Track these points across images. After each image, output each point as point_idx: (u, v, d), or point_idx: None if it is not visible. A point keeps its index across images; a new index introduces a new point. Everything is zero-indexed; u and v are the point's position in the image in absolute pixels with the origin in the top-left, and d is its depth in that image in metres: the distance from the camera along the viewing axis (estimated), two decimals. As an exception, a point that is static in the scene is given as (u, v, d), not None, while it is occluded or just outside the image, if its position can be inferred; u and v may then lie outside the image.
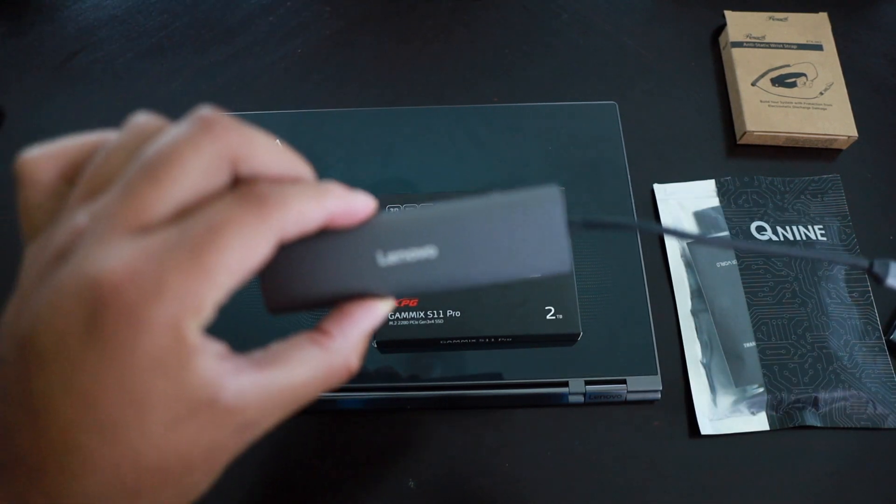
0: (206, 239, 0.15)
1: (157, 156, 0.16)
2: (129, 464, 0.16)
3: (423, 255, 0.19)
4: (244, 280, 0.16)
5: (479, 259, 0.19)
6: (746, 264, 0.38)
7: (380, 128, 0.42)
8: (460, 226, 0.19)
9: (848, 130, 0.42)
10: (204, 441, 0.16)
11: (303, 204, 0.17)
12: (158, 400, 0.15)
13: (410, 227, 0.19)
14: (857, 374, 0.35)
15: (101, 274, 0.15)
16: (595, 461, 0.35)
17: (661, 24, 0.48)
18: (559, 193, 0.19)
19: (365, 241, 0.19)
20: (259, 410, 0.17)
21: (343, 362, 0.18)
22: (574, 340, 0.35)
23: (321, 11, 0.50)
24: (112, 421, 0.15)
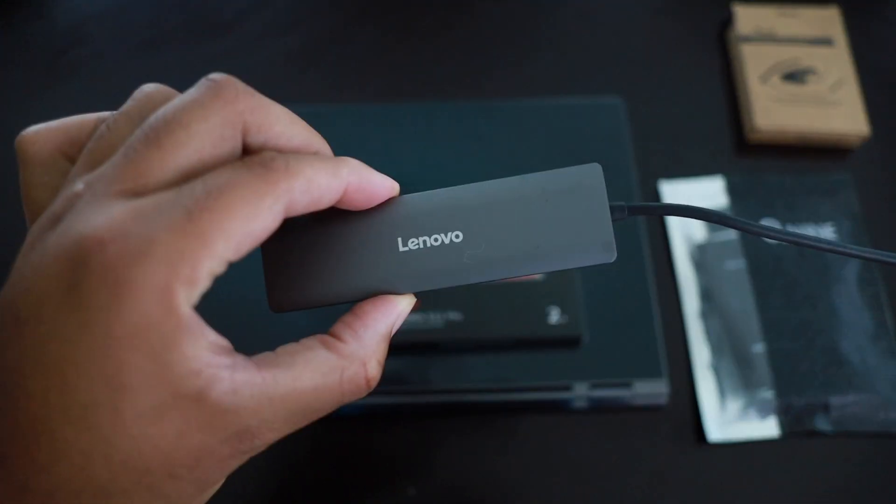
0: (204, 201, 0.14)
1: (160, 120, 0.15)
2: (102, 456, 0.13)
3: (448, 243, 0.17)
4: (244, 252, 0.14)
5: (510, 247, 0.17)
6: (756, 265, 0.38)
7: (378, 124, 0.41)
8: (489, 210, 0.17)
9: (860, 128, 0.41)
10: (189, 443, 0.14)
11: (314, 172, 0.15)
12: (138, 381, 0.13)
13: (435, 212, 0.17)
14: (870, 378, 0.35)
15: (86, 232, 0.13)
16: (599, 468, 0.34)
17: (668, 18, 0.48)
18: (600, 172, 0.17)
19: (383, 225, 0.17)
20: (257, 416, 0.15)
21: (358, 369, 0.16)
22: (578, 343, 0.34)
23: (318, 5, 0.49)
24: (84, 402, 0.13)
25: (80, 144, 0.16)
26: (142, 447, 0.14)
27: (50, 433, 0.13)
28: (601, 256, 0.17)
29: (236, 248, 0.14)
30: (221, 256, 0.14)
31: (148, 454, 0.14)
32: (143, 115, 0.15)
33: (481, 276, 0.17)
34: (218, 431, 0.14)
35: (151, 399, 0.13)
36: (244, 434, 0.15)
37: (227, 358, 0.14)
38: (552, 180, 0.17)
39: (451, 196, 0.18)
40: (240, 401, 0.14)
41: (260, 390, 0.15)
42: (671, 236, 0.39)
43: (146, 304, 0.13)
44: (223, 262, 0.14)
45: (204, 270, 0.14)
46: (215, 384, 0.14)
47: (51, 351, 0.13)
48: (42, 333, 0.13)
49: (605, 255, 0.17)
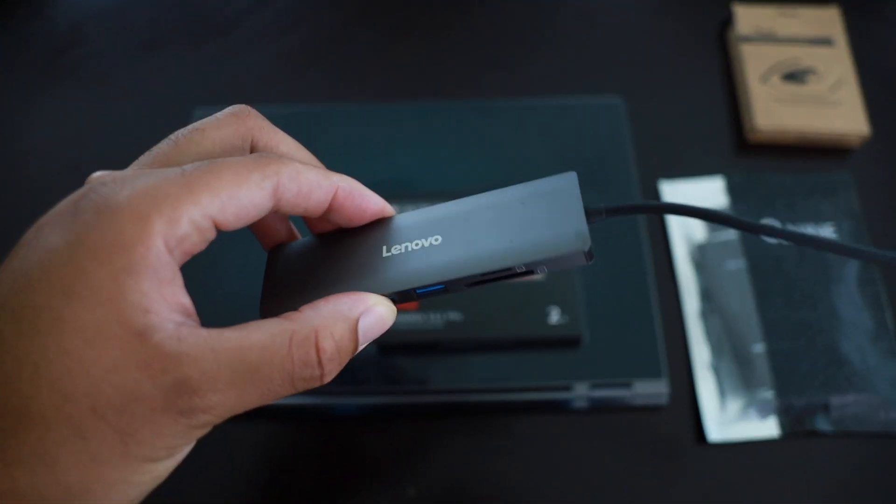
0: (200, 167, 0.15)
1: (183, 129, 0.18)
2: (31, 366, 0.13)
3: (427, 245, 0.18)
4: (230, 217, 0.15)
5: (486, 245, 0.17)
6: (756, 266, 0.37)
7: (378, 124, 0.41)
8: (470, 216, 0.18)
9: (860, 128, 0.41)
10: (121, 380, 0.13)
11: (306, 168, 0.17)
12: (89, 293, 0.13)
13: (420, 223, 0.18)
14: (870, 378, 0.35)
15: (95, 177, 0.16)
16: (599, 468, 0.34)
17: (668, 17, 0.48)
18: (575, 178, 0.18)
19: (372, 241, 0.18)
20: (197, 367, 0.14)
21: (309, 335, 0.16)
22: (578, 344, 0.34)
23: (318, 5, 0.49)
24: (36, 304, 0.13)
25: None
26: (72, 367, 0.13)
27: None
28: (575, 254, 0.17)
29: (221, 207, 0.15)
30: (205, 207, 0.15)
31: (76, 377, 0.13)
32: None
33: (455, 275, 0.17)
34: (155, 374, 0.14)
35: (96, 316, 0.13)
36: (183, 385, 0.14)
37: (181, 314, 0.15)
38: (530, 187, 0.18)
39: (437, 209, 0.18)
40: (182, 348, 0.14)
41: (204, 341, 0.15)
42: (671, 236, 0.39)
43: (123, 225, 0.14)
44: (206, 216, 0.15)
45: (185, 213, 0.14)
46: (160, 327, 0.14)
47: (27, 258, 0.14)
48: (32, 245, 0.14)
49: (580, 248, 0.17)
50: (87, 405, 0.13)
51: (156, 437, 0.14)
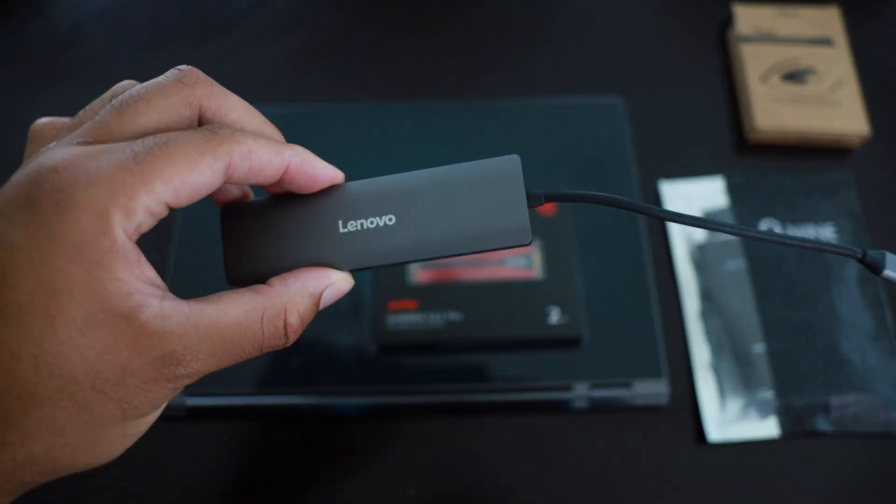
0: (150, 149, 0.16)
1: (127, 95, 0.17)
2: (30, 358, 0.15)
3: (382, 225, 0.19)
4: (184, 199, 0.16)
5: (438, 230, 0.19)
6: (756, 266, 0.38)
7: (378, 124, 0.41)
8: (420, 196, 0.19)
9: (860, 128, 0.41)
10: (115, 359, 0.15)
11: (257, 145, 0.17)
12: (71, 289, 0.15)
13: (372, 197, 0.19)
14: (870, 378, 0.35)
15: (44, 162, 0.15)
16: (599, 468, 0.34)
17: (667, 17, 0.48)
18: (518, 162, 0.19)
19: (327, 210, 0.19)
20: (181, 342, 0.16)
21: (279, 312, 0.18)
22: (578, 344, 0.34)
23: (318, 5, 0.49)
24: (20, 301, 0.14)
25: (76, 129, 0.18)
26: (69, 354, 0.15)
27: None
28: (517, 239, 0.19)
29: (175, 192, 0.16)
30: (159, 195, 0.16)
31: (74, 362, 0.15)
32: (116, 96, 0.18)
33: (410, 257, 0.19)
34: (144, 351, 0.15)
35: (83, 308, 0.15)
36: (169, 358, 0.16)
37: (158, 290, 0.16)
38: (476, 169, 0.20)
39: (388, 183, 0.20)
40: (166, 325, 0.16)
41: (186, 317, 0.16)
42: (671, 236, 0.39)
43: (85, 222, 0.15)
44: (161, 202, 0.16)
45: (140, 203, 0.15)
46: (144, 308, 0.15)
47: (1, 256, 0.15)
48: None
49: (521, 238, 0.19)
50: (88, 384, 0.15)
51: (148, 400, 0.16)
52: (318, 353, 0.34)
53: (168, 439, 0.35)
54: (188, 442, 0.35)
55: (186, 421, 0.35)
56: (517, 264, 0.36)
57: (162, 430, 0.35)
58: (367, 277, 0.36)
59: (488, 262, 0.36)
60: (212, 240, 0.38)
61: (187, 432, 0.35)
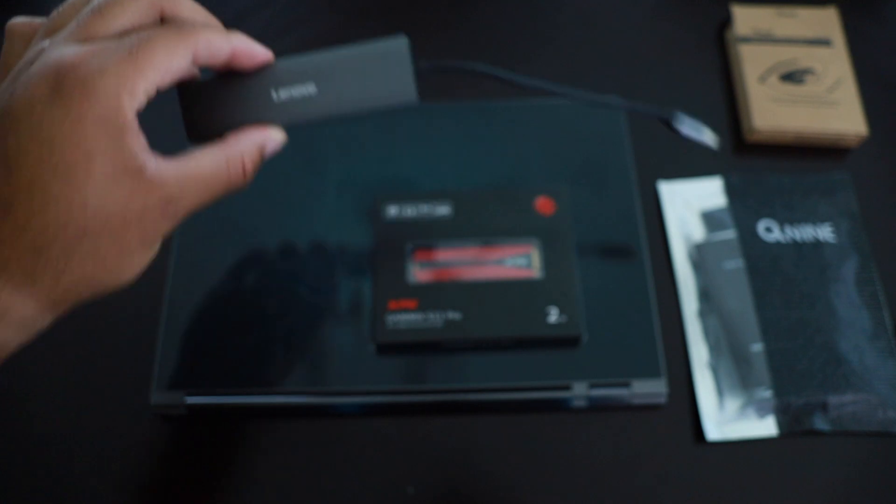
0: (138, 45, 0.21)
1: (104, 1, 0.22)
2: (78, 204, 0.20)
3: (306, 92, 0.25)
4: (167, 82, 0.22)
5: (347, 93, 0.26)
6: (754, 265, 0.38)
7: (378, 125, 0.41)
8: (332, 68, 0.26)
9: (858, 128, 0.41)
10: (135, 205, 0.21)
11: (213, 34, 0.23)
12: (102, 154, 0.20)
13: (296, 72, 0.25)
14: (868, 377, 0.35)
15: (61, 58, 0.20)
16: (598, 467, 0.34)
17: (666, 19, 0.48)
18: (405, 42, 0.26)
19: (262, 82, 0.25)
20: (177, 187, 0.22)
21: (238, 158, 0.24)
22: (577, 343, 0.35)
23: (318, 6, 0.49)
24: (67, 164, 0.20)
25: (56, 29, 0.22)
26: (104, 200, 0.21)
27: (42, 186, 0.20)
28: (406, 99, 0.26)
29: (161, 77, 0.21)
30: (151, 81, 0.21)
31: (110, 205, 0.21)
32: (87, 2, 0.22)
33: (327, 115, 0.26)
34: (153, 195, 0.22)
35: (110, 167, 0.21)
36: (169, 199, 0.22)
37: (153, 153, 0.22)
38: (374, 48, 0.26)
39: (306, 60, 0.26)
40: (164, 176, 0.22)
41: (176, 168, 0.22)
42: (670, 236, 0.40)
43: (104, 104, 0.20)
44: (153, 86, 0.21)
45: (140, 88, 0.21)
46: (148, 165, 0.21)
47: (43, 130, 0.20)
48: (35, 122, 0.20)
49: (409, 98, 0.26)
50: (119, 221, 0.21)
51: (158, 232, 0.23)
52: (318, 352, 0.35)
53: (168, 438, 0.35)
54: (188, 441, 0.35)
55: (186, 420, 0.35)
56: (516, 264, 0.36)
57: (162, 430, 0.35)
58: (367, 277, 0.36)
59: (488, 262, 0.36)
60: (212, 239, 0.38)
61: (187, 431, 0.35)
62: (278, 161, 0.40)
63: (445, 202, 0.37)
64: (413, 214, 0.37)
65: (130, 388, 0.36)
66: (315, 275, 0.36)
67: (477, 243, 0.36)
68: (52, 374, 0.36)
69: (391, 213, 0.37)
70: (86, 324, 0.38)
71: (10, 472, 0.34)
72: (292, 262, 0.37)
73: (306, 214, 0.38)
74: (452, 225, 0.37)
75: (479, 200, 0.37)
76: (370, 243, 0.37)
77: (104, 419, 0.35)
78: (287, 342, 0.35)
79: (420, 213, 0.37)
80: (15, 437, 0.35)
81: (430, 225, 0.37)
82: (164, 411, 0.34)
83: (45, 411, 0.35)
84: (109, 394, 0.36)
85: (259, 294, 0.36)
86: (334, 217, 0.38)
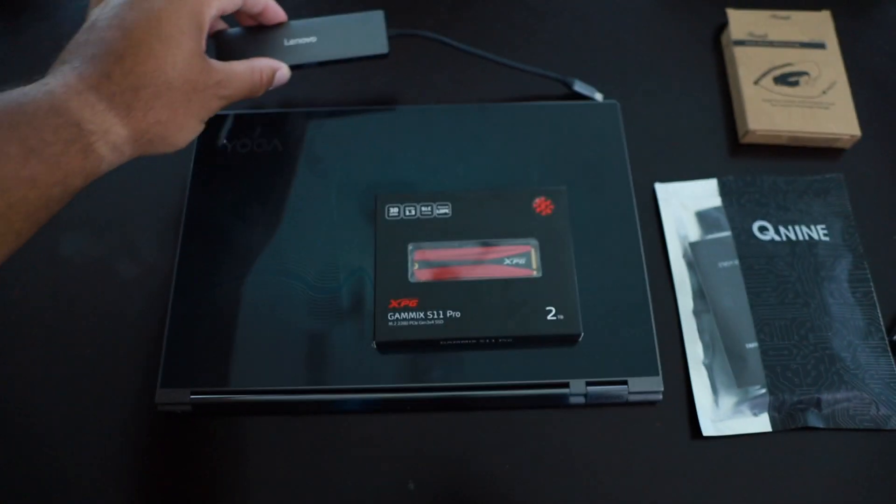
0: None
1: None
2: (171, 63, 0.29)
3: (309, 41, 0.38)
4: (228, 10, 0.34)
5: (339, 43, 0.39)
6: (749, 264, 0.38)
7: (379, 127, 0.41)
8: (330, 26, 0.39)
9: (851, 129, 0.41)
10: (202, 78, 0.31)
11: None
12: (189, 36, 0.30)
13: (303, 27, 0.38)
14: (861, 374, 0.35)
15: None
16: (596, 462, 0.34)
17: (663, 22, 0.48)
18: (382, 13, 0.39)
19: (277, 33, 0.38)
20: (225, 75, 0.32)
21: (259, 70, 0.35)
22: (575, 341, 0.35)
23: (320, 8, 0.49)
24: (168, 34, 0.29)
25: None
26: (186, 66, 0.30)
27: (148, 45, 0.29)
28: (379, 49, 0.39)
29: (225, 6, 0.33)
30: (219, 5, 0.32)
31: (187, 72, 0.30)
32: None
33: (323, 59, 0.38)
34: (212, 77, 0.31)
35: (194, 45, 0.30)
36: (220, 83, 0.32)
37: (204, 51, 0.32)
38: (361, 16, 0.39)
39: (311, 21, 0.39)
40: (217, 67, 0.32)
41: (222, 66, 0.32)
42: (666, 236, 0.40)
43: (193, 5, 0.31)
44: (220, 9, 0.33)
45: (215, 5, 0.32)
46: (203, 55, 0.31)
47: (154, 10, 0.29)
48: (148, 5, 0.29)
49: (382, 49, 0.39)
50: (190, 87, 0.30)
51: (210, 107, 0.32)
52: (320, 349, 0.35)
53: (173, 435, 0.35)
54: (192, 437, 0.35)
55: (191, 417, 0.35)
56: (515, 263, 0.36)
57: (167, 426, 0.35)
58: (368, 276, 0.37)
59: (487, 262, 0.36)
60: (216, 238, 0.38)
61: (192, 428, 0.35)
62: (280, 162, 0.40)
63: (445, 202, 0.38)
64: (413, 214, 0.37)
65: (136, 385, 0.36)
66: (317, 274, 0.37)
67: (476, 243, 0.37)
68: (58, 372, 0.37)
69: (392, 213, 0.37)
70: (92, 321, 0.38)
71: (16, 469, 0.34)
72: (295, 262, 0.37)
73: (309, 215, 0.38)
74: (452, 225, 0.37)
75: (479, 201, 0.38)
76: (371, 243, 0.37)
77: (109, 416, 0.35)
78: (290, 340, 0.35)
79: (420, 213, 0.37)
80: (19, 434, 0.35)
81: (431, 225, 0.37)
82: (169, 408, 0.34)
83: (50, 408, 0.36)
84: (115, 391, 0.36)
85: (262, 293, 0.36)
86: (336, 217, 0.38)
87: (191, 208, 0.39)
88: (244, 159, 0.40)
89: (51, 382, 0.37)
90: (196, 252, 0.37)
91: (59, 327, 0.38)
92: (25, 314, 0.38)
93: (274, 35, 0.38)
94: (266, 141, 0.41)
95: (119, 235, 0.41)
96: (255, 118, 0.42)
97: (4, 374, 0.37)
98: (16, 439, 0.35)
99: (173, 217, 0.40)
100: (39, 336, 0.38)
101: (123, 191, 0.42)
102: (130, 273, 0.39)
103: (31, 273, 0.39)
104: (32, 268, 0.40)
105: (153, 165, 0.43)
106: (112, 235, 0.41)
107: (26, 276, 0.39)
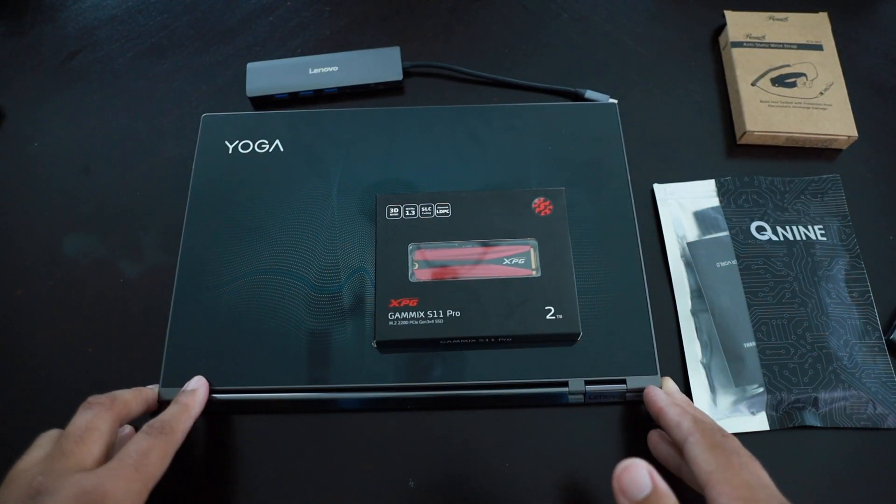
0: (138, 459, 0.27)
1: (79, 431, 0.27)
2: None
3: (331, 70, 0.44)
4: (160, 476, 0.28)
5: (358, 72, 0.44)
6: (746, 264, 0.38)
7: (380, 127, 0.42)
8: (351, 59, 0.45)
9: (848, 130, 0.42)
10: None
11: (184, 419, 0.31)
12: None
13: (326, 59, 0.45)
14: (857, 374, 0.35)
15: (89, 487, 0.25)
16: (594, 461, 0.35)
17: (662, 23, 0.48)
18: (398, 49, 0.45)
19: (305, 64, 0.45)
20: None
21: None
22: (574, 340, 0.35)
23: (321, 11, 0.50)
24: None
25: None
26: None
27: None
28: (395, 77, 0.45)
29: (158, 476, 0.28)
30: (155, 480, 0.27)
31: None
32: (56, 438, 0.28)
33: (342, 84, 0.44)
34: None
35: None
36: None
37: None
38: (378, 51, 0.45)
39: (333, 55, 0.45)
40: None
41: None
42: (664, 236, 0.40)
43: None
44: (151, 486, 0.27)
45: (146, 493, 0.27)
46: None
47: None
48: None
49: (397, 77, 0.45)
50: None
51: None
52: (321, 349, 0.35)
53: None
54: (194, 435, 0.35)
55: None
56: (515, 263, 0.36)
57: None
58: (369, 276, 0.37)
59: (487, 261, 0.36)
60: (217, 239, 0.38)
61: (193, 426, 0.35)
62: (281, 162, 0.40)
63: (445, 203, 0.38)
64: (414, 215, 0.38)
65: (138, 384, 0.36)
66: (318, 273, 0.37)
67: (476, 243, 0.37)
68: (60, 370, 0.37)
69: (392, 213, 0.38)
70: (94, 321, 0.38)
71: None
72: (296, 261, 0.37)
73: (310, 215, 0.39)
74: (452, 225, 0.37)
75: (479, 201, 0.38)
76: (372, 243, 0.37)
77: (112, 414, 0.36)
78: (291, 339, 0.35)
79: (420, 213, 0.38)
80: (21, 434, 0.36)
81: (431, 225, 0.37)
82: (172, 406, 0.34)
83: (52, 407, 0.36)
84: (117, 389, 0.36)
85: (263, 292, 0.37)
86: (337, 217, 0.39)
87: (192, 208, 0.39)
88: (245, 159, 0.41)
89: (53, 381, 0.37)
90: (198, 253, 0.38)
91: (62, 326, 0.38)
92: (28, 313, 0.39)
93: (301, 65, 0.44)
94: (267, 141, 0.41)
95: (121, 235, 0.41)
96: (256, 118, 0.42)
97: (8, 372, 0.37)
98: (19, 439, 0.35)
99: (175, 217, 0.40)
100: (42, 335, 0.38)
101: (126, 191, 0.42)
102: (132, 273, 0.40)
103: (34, 272, 0.40)
104: (36, 267, 0.40)
105: (155, 165, 0.43)
106: (115, 235, 0.41)
107: (30, 276, 0.40)
